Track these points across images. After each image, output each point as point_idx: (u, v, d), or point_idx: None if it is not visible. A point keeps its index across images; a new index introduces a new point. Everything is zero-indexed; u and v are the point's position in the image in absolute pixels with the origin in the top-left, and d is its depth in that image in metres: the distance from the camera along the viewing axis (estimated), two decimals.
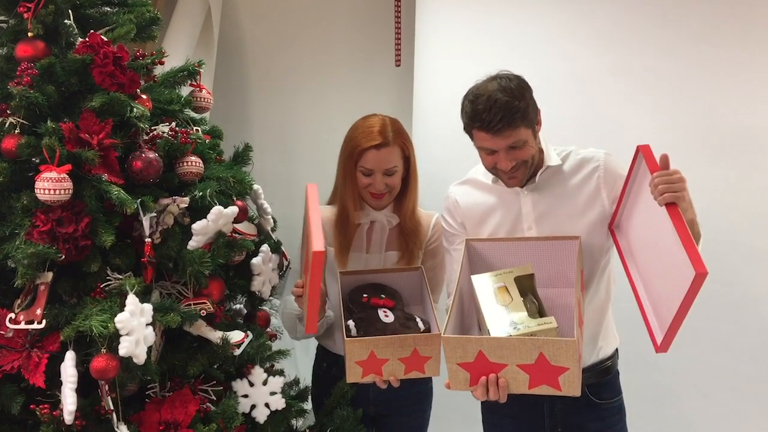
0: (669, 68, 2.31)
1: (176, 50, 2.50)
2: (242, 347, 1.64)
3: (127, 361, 1.37)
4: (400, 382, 1.64)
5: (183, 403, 1.51)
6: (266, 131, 3.22)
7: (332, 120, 2.14)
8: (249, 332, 1.68)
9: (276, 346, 1.83)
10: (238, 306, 1.84)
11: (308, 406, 1.92)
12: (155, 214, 1.54)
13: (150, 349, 1.43)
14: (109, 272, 1.50)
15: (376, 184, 1.85)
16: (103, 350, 1.36)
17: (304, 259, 1.86)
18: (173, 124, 1.69)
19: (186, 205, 1.58)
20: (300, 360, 2.05)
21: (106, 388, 1.41)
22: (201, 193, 1.59)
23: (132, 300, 1.39)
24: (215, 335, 1.59)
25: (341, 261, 1.90)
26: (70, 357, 1.40)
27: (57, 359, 1.42)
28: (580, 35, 2.41)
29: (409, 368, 1.63)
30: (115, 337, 1.35)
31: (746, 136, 2.24)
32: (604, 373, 1.79)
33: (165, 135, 1.63)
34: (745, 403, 2.31)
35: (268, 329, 1.86)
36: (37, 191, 1.40)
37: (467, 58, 2.59)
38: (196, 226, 1.55)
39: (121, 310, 1.37)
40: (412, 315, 1.76)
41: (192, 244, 1.55)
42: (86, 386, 1.43)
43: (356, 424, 1.85)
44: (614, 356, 1.83)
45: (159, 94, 1.70)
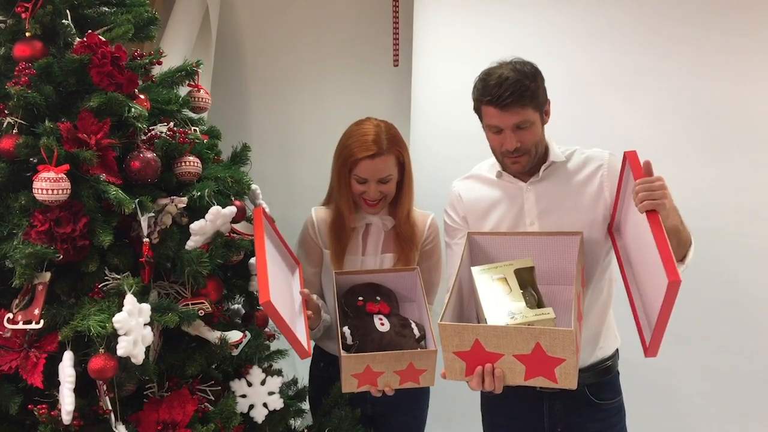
0: (667, 68, 2.31)
1: (174, 50, 2.50)
2: (240, 347, 1.63)
3: (125, 361, 1.37)
4: (394, 390, 1.65)
5: (181, 403, 1.51)
6: (264, 131, 3.22)
7: (330, 120, 2.14)
8: (247, 332, 1.68)
9: (274, 346, 1.83)
10: (236, 306, 1.83)
11: (306, 406, 1.92)
12: (153, 214, 1.54)
13: (148, 349, 1.43)
14: (107, 272, 1.50)
15: (371, 192, 1.85)
16: (101, 350, 1.36)
17: None
18: (171, 124, 1.69)
19: (184, 205, 1.58)
20: (298, 360, 2.04)
21: (104, 388, 1.41)
22: (199, 193, 1.59)
23: (130, 300, 1.39)
24: (213, 335, 1.59)
25: (337, 264, 1.90)
26: (68, 357, 1.40)
27: (55, 359, 1.42)
28: (578, 35, 2.42)
29: (404, 379, 1.64)
30: (113, 337, 1.35)
31: (745, 135, 2.24)
32: (604, 373, 1.79)
33: (163, 135, 1.62)
34: (744, 403, 2.32)
35: (266, 329, 1.86)
36: (35, 191, 1.40)
37: (465, 58, 2.59)
38: (194, 226, 1.55)
39: (119, 310, 1.37)
40: (408, 321, 1.76)
41: (190, 244, 1.55)
42: (84, 386, 1.42)
43: (354, 424, 1.85)
44: (614, 356, 1.83)
45: (157, 94, 1.70)
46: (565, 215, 1.72)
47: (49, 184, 1.38)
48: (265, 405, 1.67)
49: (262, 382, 1.68)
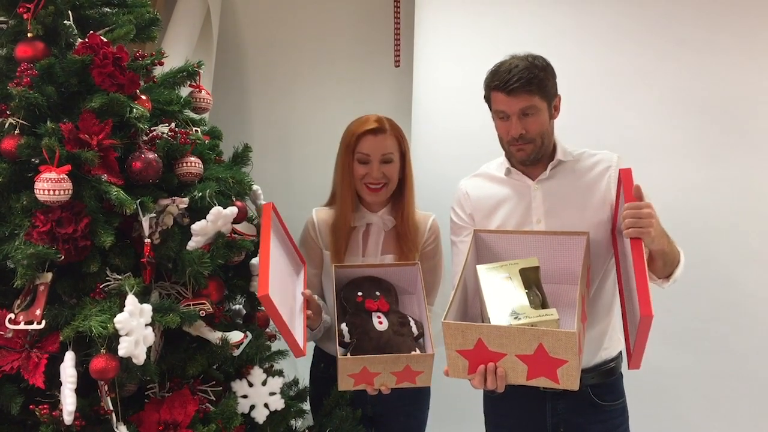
0: (666, 69, 2.31)
1: (176, 51, 2.50)
2: (241, 348, 1.64)
3: (126, 362, 1.37)
4: (391, 390, 1.66)
5: (182, 404, 1.51)
6: (265, 132, 3.23)
7: (332, 120, 2.14)
8: (248, 333, 1.68)
9: (275, 346, 1.83)
10: (237, 306, 1.83)
11: (307, 406, 1.92)
12: (154, 215, 1.54)
13: (149, 349, 1.43)
14: (108, 273, 1.50)
15: (373, 172, 1.86)
16: (103, 350, 1.36)
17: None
18: (173, 124, 1.69)
19: (185, 206, 1.59)
20: (299, 360, 2.04)
21: (106, 388, 1.41)
22: (200, 194, 1.59)
23: (131, 300, 1.39)
24: (214, 336, 1.59)
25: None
26: (69, 357, 1.40)
27: (56, 360, 1.42)
28: (578, 36, 2.42)
29: (400, 380, 1.64)
30: (114, 337, 1.35)
31: (744, 136, 2.24)
32: (608, 374, 1.79)
33: (164, 135, 1.63)
34: (744, 403, 2.32)
35: (267, 330, 1.86)
36: (36, 192, 1.40)
37: (466, 58, 2.60)
38: (196, 226, 1.55)
39: (121, 310, 1.37)
40: (406, 318, 1.76)
41: (191, 244, 1.56)
42: (86, 386, 1.43)
43: (355, 424, 1.85)
44: (618, 358, 1.82)
45: (158, 94, 1.70)
46: (572, 215, 1.72)
47: (51, 185, 1.39)
48: (266, 405, 1.67)
49: (263, 383, 1.68)
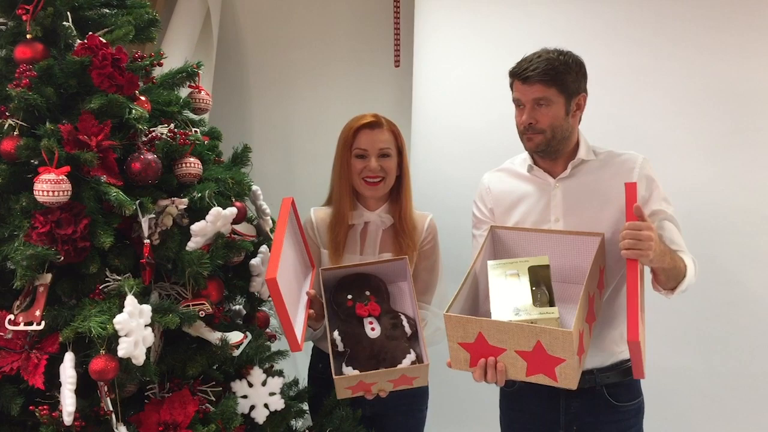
0: (667, 68, 2.31)
1: (175, 52, 2.50)
2: (241, 348, 1.64)
3: (126, 362, 1.38)
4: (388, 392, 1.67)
5: (182, 404, 1.51)
6: (265, 132, 3.23)
7: (331, 120, 2.15)
8: (248, 333, 1.68)
9: (275, 346, 1.83)
10: (237, 307, 1.84)
11: (306, 406, 1.92)
12: (154, 216, 1.54)
13: (149, 350, 1.43)
14: (108, 273, 1.50)
15: (371, 165, 1.87)
16: (102, 351, 1.36)
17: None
18: (172, 125, 1.69)
19: (185, 207, 1.59)
20: (299, 361, 2.05)
21: (105, 389, 1.41)
22: (200, 195, 1.59)
23: (131, 301, 1.39)
24: (214, 336, 1.59)
25: (335, 263, 1.90)
26: (69, 358, 1.40)
27: (56, 360, 1.42)
28: (578, 36, 2.41)
29: (397, 385, 1.66)
30: (114, 338, 1.36)
31: (746, 135, 2.24)
32: (626, 374, 1.77)
33: (164, 136, 1.63)
34: (744, 402, 2.31)
35: (267, 330, 1.86)
36: (35, 193, 1.40)
37: (466, 58, 2.60)
38: (195, 227, 1.55)
39: (120, 311, 1.37)
40: (399, 318, 1.75)
41: (191, 245, 1.56)
42: (85, 387, 1.43)
43: (355, 424, 1.85)
44: None
45: (158, 95, 1.70)
46: (591, 215, 1.71)
47: (50, 186, 1.39)
48: (266, 406, 1.67)
49: (263, 383, 1.68)
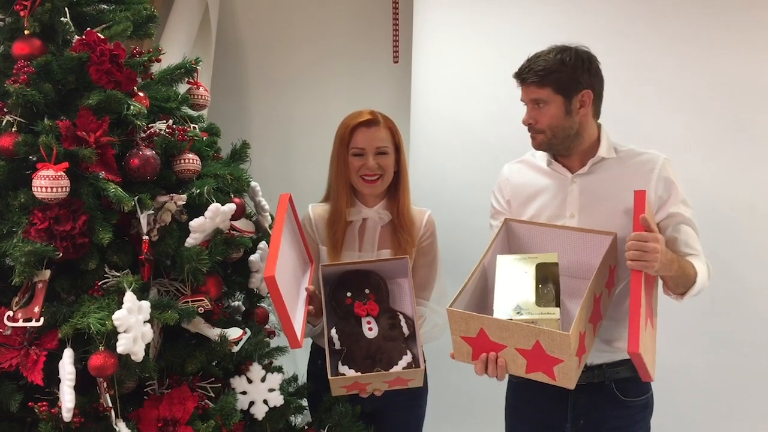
0: (667, 65, 2.31)
1: (174, 48, 2.50)
2: (240, 344, 1.64)
3: (125, 359, 1.38)
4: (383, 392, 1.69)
5: (181, 400, 1.52)
6: (264, 128, 3.23)
7: (330, 116, 2.14)
8: (247, 329, 1.68)
9: (274, 342, 1.83)
10: (236, 303, 1.84)
11: (305, 402, 1.93)
12: (153, 212, 1.54)
13: (148, 346, 1.43)
14: (106, 270, 1.50)
15: (368, 163, 1.86)
16: (101, 348, 1.36)
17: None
18: (170, 121, 1.69)
19: (183, 203, 1.59)
20: (298, 357, 2.05)
21: (105, 385, 1.41)
22: (198, 191, 1.59)
23: (130, 297, 1.39)
24: (213, 332, 1.59)
25: (334, 260, 1.90)
26: (68, 354, 1.40)
27: (55, 357, 1.42)
28: (578, 32, 2.39)
29: (392, 385, 1.67)
30: (112, 334, 1.36)
31: (746, 132, 2.24)
32: (635, 370, 1.74)
33: (162, 132, 1.63)
34: (745, 400, 2.31)
35: (267, 326, 1.86)
36: (34, 189, 1.40)
37: (465, 55, 2.59)
38: (194, 223, 1.55)
39: (119, 307, 1.37)
40: (397, 318, 1.75)
41: (190, 241, 1.56)
42: (84, 384, 1.43)
43: (355, 420, 1.85)
44: None
45: (156, 91, 1.70)
46: (606, 212, 1.69)
47: (49, 182, 1.39)
48: (265, 402, 1.67)
49: (263, 379, 1.68)
